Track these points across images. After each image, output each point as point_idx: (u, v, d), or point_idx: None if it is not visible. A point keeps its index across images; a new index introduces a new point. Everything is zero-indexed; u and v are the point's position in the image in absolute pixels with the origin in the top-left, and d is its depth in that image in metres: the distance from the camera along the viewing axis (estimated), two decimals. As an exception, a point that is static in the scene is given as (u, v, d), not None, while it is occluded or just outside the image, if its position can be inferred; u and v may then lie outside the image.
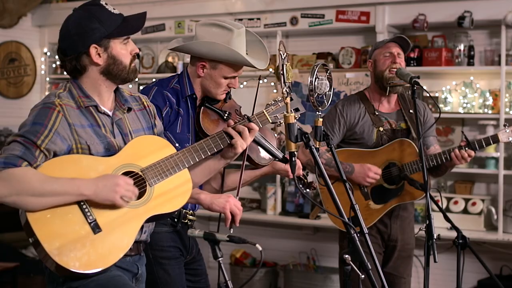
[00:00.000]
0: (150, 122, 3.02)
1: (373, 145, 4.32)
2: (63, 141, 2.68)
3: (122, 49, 2.81)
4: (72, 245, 2.61)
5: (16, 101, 8.03)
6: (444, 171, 4.38)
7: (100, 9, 2.79)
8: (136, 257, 2.89)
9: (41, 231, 2.59)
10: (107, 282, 2.70)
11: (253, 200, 7.00)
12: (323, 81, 2.93)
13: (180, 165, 2.88)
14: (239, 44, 3.32)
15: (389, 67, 4.25)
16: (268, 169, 3.51)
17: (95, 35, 2.75)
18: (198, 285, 3.56)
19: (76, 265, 2.60)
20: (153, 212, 2.79)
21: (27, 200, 2.57)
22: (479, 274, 5.64)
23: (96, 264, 2.64)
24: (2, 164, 2.56)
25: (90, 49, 2.76)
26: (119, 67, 2.80)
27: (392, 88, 4.28)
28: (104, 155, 2.76)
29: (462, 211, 5.86)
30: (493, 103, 5.87)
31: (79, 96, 2.79)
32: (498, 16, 5.69)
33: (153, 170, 2.80)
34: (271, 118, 3.23)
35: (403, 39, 4.33)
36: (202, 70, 3.36)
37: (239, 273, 6.67)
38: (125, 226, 2.72)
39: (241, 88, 6.71)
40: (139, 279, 2.93)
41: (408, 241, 4.41)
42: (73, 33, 2.77)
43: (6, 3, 7.61)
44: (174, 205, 2.87)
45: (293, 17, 6.56)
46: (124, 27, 2.81)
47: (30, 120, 2.69)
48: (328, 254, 6.51)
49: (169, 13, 7.12)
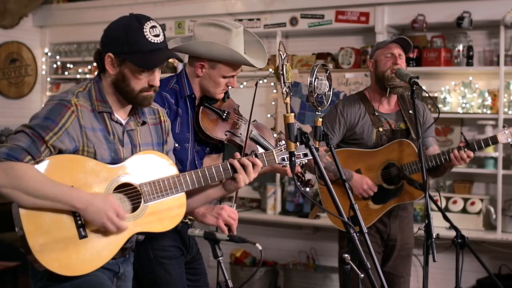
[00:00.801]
0: (162, 138, 3.00)
1: (373, 145, 4.33)
2: (71, 141, 2.67)
3: (136, 74, 2.76)
4: (55, 244, 2.61)
5: (17, 101, 8.06)
6: (443, 171, 4.38)
7: (138, 28, 2.74)
8: (120, 259, 2.87)
9: (29, 225, 2.59)
10: (82, 282, 2.69)
11: (253, 199, 7.02)
12: (323, 81, 2.93)
13: (178, 188, 2.86)
14: (237, 44, 3.33)
15: (390, 68, 4.26)
16: (267, 168, 3.47)
17: (116, 47, 2.74)
18: (197, 284, 3.56)
19: (55, 265, 2.61)
20: (141, 229, 2.78)
21: (21, 197, 2.57)
22: (478, 273, 5.63)
23: (75, 269, 2.64)
24: (5, 155, 2.55)
25: (106, 56, 2.76)
26: (126, 88, 2.77)
27: (392, 89, 4.29)
28: (109, 162, 2.75)
29: (461, 211, 5.87)
30: (492, 103, 5.89)
31: (96, 99, 2.79)
32: (497, 16, 5.70)
33: (151, 187, 2.79)
34: (279, 160, 3.10)
35: (404, 40, 4.33)
36: (201, 70, 3.36)
37: (239, 272, 6.67)
38: (111, 237, 2.71)
39: (240, 88, 6.74)
40: (121, 278, 2.91)
41: (407, 240, 4.42)
42: (107, 35, 2.78)
43: (7, 4, 7.63)
44: (163, 227, 2.85)
45: (293, 18, 6.58)
46: (143, 61, 2.74)
47: (43, 114, 2.67)
48: (328, 253, 6.52)
49: (170, 14, 7.13)
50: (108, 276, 2.81)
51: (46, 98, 8.07)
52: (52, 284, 2.69)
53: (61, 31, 7.96)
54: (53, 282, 2.69)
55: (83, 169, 2.68)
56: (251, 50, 3.47)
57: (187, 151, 3.37)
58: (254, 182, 6.63)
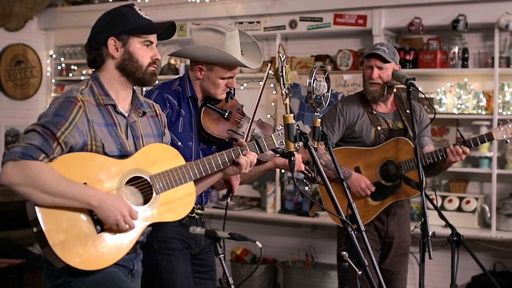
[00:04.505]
0: (160, 130, 3.08)
1: (371, 144, 4.37)
2: (80, 136, 2.71)
3: (141, 49, 2.86)
4: (74, 241, 2.64)
5: (22, 102, 8.11)
6: (438, 171, 4.43)
7: (129, 9, 2.88)
8: (132, 254, 2.91)
9: (48, 224, 2.61)
10: (103, 278, 2.72)
11: (253, 198, 7.05)
12: (321, 82, 2.98)
13: (187, 177, 2.94)
14: (232, 46, 3.43)
15: (368, 80, 4.33)
16: (271, 164, 3.58)
17: (116, 29, 2.82)
18: (204, 277, 3.61)
19: (76, 261, 2.63)
20: (155, 220, 2.84)
21: (38, 195, 2.59)
22: (473, 271, 5.67)
23: (95, 263, 2.68)
24: (20, 154, 2.57)
25: (108, 41, 2.83)
26: (134, 65, 2.85)
27: (374, 99, 4.35)
28: (117, 155, 2.80)
29: (457, 209, 5.90)
30: (487, 104, 5.92)
31: (99, 94, 2.84)
32: (491, 19, 5.74)
33: (161, 178, 2.85)
34: (278, 144, 3.25)
35: (378, 55, 4.27)
36: (200, 72, 3.48)
37: (239, 269, 6.70)
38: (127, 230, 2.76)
39: (241, 89, 6.80)
40: (134, 275, 2.95)
41: (404, 238, 4.45)
42: (99, 25, 2.87)
43: (13, 7, 7.67)
44: (176, 215, 2.92)
45: (292, 21, 6.62)
46: (146, 27, 2.86)
47: (52, 111, 2.70)
48: (326, 251, 6.57)
49: (172, 17, 7.07)
50: (123, 273, 2.85)
51: (51, 99, 8.08)
52: (72, 280, 2.73)
53: (66, 34, 8.03)
54: (73, 278, 2.72)
55: (94, 166, 2.72)
56: (249, 51, 3.57)
57: (190, 149, 3.47)
58: (254, 182, 6.69)
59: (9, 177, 2.58)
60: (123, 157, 2.83)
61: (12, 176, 2.58)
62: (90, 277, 2.71)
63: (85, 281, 2.71)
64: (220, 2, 6.92)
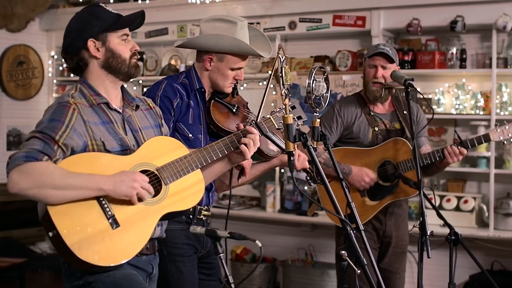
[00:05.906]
0: (157, 121, 3.08)
1: (369, 144, 4.38)
2: (79, 137, 2.71)
3: (120, 44, 2.87)
4: (91, 239, 2.62)
5: (24, 103, 8.14)
6: (435, 171, 4.45)
7: (98, 8, 2.87)
8: (151, 256, 2.92)
9: (62, 225, 2.60)
10: (122, 280, 2.72)
11: (253, 198, 7.08)
12: (321, 83, 2.99)
13: (193, 165, 2.92)
14: (243, 36, 3.42)
15: (371, 80, 4.33)
16: (277, 161, 3.56)
17: (92, 30, 2.82)
18: (211, 278, 3.60)
19: (96, 259, 2.61)
20: (168, 210, 2.82)
21: (48, 193, 2.57)
22: (471, 270, 5.68)
23: (115, 258, 2.66)
24: (24, 158, 2.57)
25: (88, 43, 2.82)
26: (118, 61, 2.86)
27: (376, 99, 4.37)
28: (119, 151, 2.80)
29: (455, 209, 5.92)
30: (485, 105, 5.95)
31: (90, 95, 2.84)
32: (489, 20, 5.77)
33: (168, 169, 2.84)
34: (278, 124, 3.20)
35: (385, 54, 4.28)
36: (210, 63, 3.46)
37: (239, 268, 6.72)
38: (142, 223, 2.74)
39: (241, 90, 6.82)
40: (152, 279, 2.96)
41: (402, 237, 4.46)
42: (72, 31, 2.85)
43: (15, 8, 7.71)
44: (188, 204, 2.90)
45: (292, 22, 6.64)
46: (120, 21, 2.87)
47: (47, 118, 2.72)
48: (325, 250, 6.58)
49: (172, 18, 7.21)
50: (142, 277, 2.85)
51: (52, 99, 8.14)
52: (93, 280, 2.72)
53: (67, 35, 8.06)
54: (94, 278, 2.72)
55: (100, 164, 2.72)
56: (256, 43, 3.54)
57: (201, 142, 3.44)
58: (254, 181, 6.71)
59: (17, 183, 2.57)
60: (125, 152, 2.84)
61: (19, 182, 2.57)
62: (110, 278, 2.71)
63: (105, 282, 2.71)
64: (220, 3, 6.94)
